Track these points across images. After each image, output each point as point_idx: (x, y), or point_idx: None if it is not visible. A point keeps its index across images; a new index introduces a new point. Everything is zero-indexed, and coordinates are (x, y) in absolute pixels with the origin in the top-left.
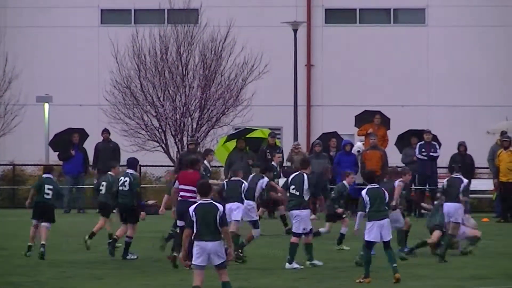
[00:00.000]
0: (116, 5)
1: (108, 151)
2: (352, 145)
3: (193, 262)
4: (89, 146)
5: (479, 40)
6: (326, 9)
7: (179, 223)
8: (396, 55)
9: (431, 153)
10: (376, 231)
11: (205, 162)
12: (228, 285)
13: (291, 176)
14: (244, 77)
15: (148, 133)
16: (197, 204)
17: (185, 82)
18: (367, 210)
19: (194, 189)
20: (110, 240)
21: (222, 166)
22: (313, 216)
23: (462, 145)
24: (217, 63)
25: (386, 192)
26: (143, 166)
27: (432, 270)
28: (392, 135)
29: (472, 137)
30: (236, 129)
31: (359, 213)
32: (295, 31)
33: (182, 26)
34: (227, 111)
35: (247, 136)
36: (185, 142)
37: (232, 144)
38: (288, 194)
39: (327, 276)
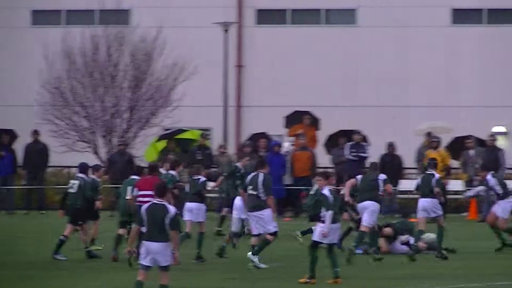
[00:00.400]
0: (47, 6)
1: (37, 152)
2: (281, 146)
3: (139, 261)
4: (19, 147)
5: (407, 41)
6: (258, 10)
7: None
8: (327, 55)
9: (360, 154)
10: (329, 234)
11: (173, 172)
12: None
13: (249, 177)
14: (174, 77)
15: (78, 134)
16: (149, 204)
17: (115, 83)
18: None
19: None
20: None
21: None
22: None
23: (391, 146)
24: (148, 64)
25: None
26: (72, 167)
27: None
28: (323, 135)
29: (402, 137)
30: (166, 129)
31: (329, 212)
32: (225, 31)
33: (112, 26)
34: (157, 112)
35: (177, 137)
36: (114, 143)
37: (162, 144)
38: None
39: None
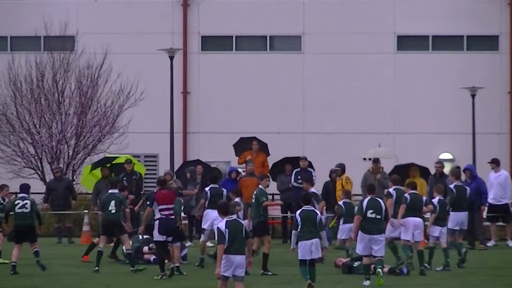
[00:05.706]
0: None
1: None
2: (238, 173)
3: None
4: None
5: (352, 67)
6: (202, 36)
7: (160, 237)
8: (272, 82)
9: None
10: None
11: None
12: None
13: None
14: (120, 104)
15: (24, 160)
16: None
17: (61, 109)
18: None
19: (172, 206)
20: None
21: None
22: None
23: (334, 173)
24: (93, 90)
25: None
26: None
27: None
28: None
29: (347, 163)
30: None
31: None
32: (171, 58)
33: (58, 53)
34: (103, 138)
35: (114, 162)
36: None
37: (98, 172)
38: None
39: None
